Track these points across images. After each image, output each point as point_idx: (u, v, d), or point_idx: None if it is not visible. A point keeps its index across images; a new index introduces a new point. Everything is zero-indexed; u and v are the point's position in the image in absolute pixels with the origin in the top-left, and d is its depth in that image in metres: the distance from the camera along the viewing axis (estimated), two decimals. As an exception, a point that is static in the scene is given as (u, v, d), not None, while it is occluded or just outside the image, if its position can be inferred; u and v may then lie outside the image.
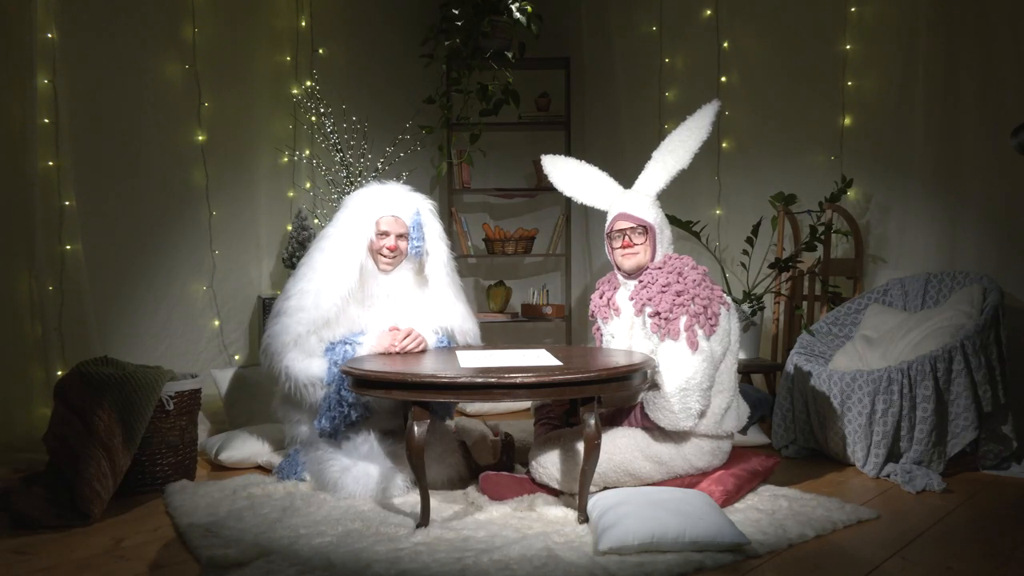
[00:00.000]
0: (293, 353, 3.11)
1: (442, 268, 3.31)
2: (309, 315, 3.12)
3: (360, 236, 3.19)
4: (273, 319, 3.19)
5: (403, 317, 3.23)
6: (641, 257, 3.01)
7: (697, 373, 2.80)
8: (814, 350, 3.80)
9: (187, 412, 3.29)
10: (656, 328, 2.87)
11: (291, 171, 4.65)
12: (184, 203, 4.19)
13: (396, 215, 3.23)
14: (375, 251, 3.21)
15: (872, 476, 3.29)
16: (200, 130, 4.22)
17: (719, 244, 4.76)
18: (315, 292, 3.13)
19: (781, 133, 4.58)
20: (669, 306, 2.85)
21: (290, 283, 3.23)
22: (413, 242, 3.25)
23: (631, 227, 3.02)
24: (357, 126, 4.61)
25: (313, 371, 3.11)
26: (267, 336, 3.18)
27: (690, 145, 3.07)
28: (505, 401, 2.60)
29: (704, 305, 2.84)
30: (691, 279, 2.89)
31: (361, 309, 3.22)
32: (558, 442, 2.91)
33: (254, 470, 3.44)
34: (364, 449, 3.06)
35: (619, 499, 2.59)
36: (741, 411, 3.00)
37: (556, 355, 2.89)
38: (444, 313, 3.29)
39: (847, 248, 4.32)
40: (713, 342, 2.85)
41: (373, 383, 2.65)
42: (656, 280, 2.93)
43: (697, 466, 2.91)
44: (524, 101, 5.31)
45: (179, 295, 4.15)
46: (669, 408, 2.80)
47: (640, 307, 2.94)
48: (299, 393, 3.13)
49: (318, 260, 3.19)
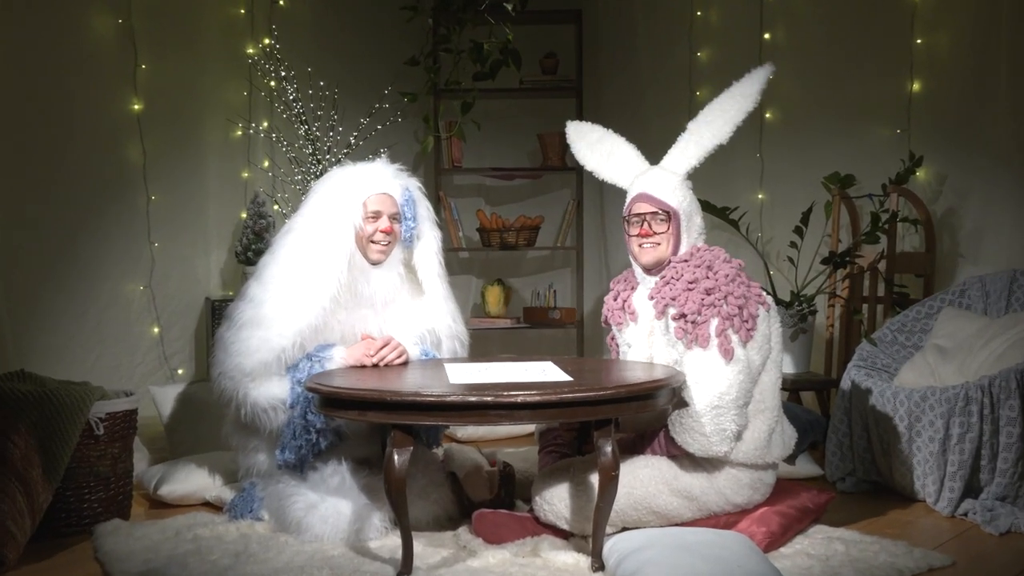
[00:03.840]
0: (263, 377, 3.07)
1: (433, 258, 3.32)
2: (294, 324, 3.09)
3: (345, 221, 3.17)
4: (235, 332, 3.13)
5: (396, 318, 3.24)
6: (662, 249, 3.02)
7: (732, 387, 2.80)
8: (876, 363, 3.80)
9: (120, 437, 3.29)
10: (681, 333, 2.87)
11: (246, 147, 4.65)
12: (116, 186, 4.19)
13: (386, 192, 3.24)
14: (364, 239, 3.21)
15: (946, 514, 3.28)
16: (136, 98, 4.22)
17: (761, 235, 4.76)
18: (297, 295, 3.11)
19: (836, 101, 4.57)
20: (697, 307, 2.85)
21: (254, 287, 3.20)
22: (407, 222, 3.25)
23: (651, 212, 3.02)
24: (325, 93, 4.61)
25: (275, 391, 3.10)
26: (229, 354, 3.11)
27: (732, 116, 3.06)
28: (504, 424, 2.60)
29: (739, 305, 2.84)
30: (723, 274, 2.89)
31: (347, 312, 3.22)
32: (567, 474, 2.91)
33: (201, 507, 3.43)
34: (334, 482, 3.06)
35: (641, 542, 2.59)
36: (787, 435, 3.00)
37: (565, 369, 2.90)
38: (432, 312, 3.31)
39: (916, 240, 4.32)
40: (750, 350, 2.85)
41: (345, 403, 2.66)
42: (681, 276, 2.93)
43: (735, 502, 2.91)
44: (527, 62, 5.30)
45: (110, 297, 4.15)
46: (699, 430, 2.80)
47: (662, 308, 2.94)
48: (257, 420, 3.13)
49: (291, 257, 3.17)
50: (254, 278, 3.25)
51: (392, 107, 4.88)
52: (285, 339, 3.08)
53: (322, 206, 3.21)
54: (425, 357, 3.25)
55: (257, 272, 3.26)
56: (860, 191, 4.39)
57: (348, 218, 3.17)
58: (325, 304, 3.12)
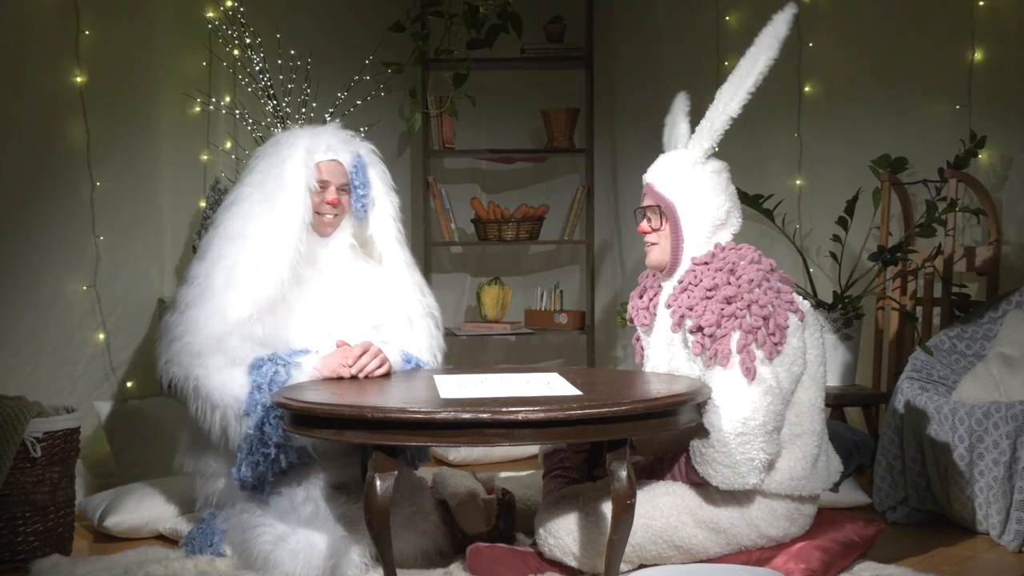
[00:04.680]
0: (217, 358, 3.11)
1: (391, 223, 3.39)
2: (249, 295, 3.13)
3: (299, 183, 3.23)
4: (180, 315, 3.17)
5: (353, 292, 3.27)
6: (660, 248, 3.02)
7: (758, 411, 2.80)
8: (932, 374, 3.80)
9: (61, 460, 3.28)
10: (699, 349, 2.87)
11: (205, 125, 4.64)
12: (56, 170, 4.18)
13: (335, 159, 3.32)
14: (312, 208, 3.27)
15: (1012, 550, 3.28)
16: (79, 69, 4.22)
17: (799, 227, 4.76)
18: (250, 266, 3.15)
19: (885, 73, 4.57)
20: (716, 318, 2.84)
21: (197, 267, 3.24)
22: (357, 191, 3.33)
23: (649, 205, 3.04)
24: (296, 63, 4.61)
25: (235, 389, 3.10)
26: (175, 337, 3.14)
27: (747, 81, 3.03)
28: (502, 445, 2.60)
29: (763, 316, 2.83)
30: (746, 279, 2.87)
31: (300, 288, 3.25)
32: (575, 502, 2.91)
33: (154, 541, 3.43)
34: (306, 511, 3.06)
35: (660, 581, 2.59)
36: (832, 467, 3.00)
37: (572, 381, 2.90)
38: (395, 283, 3.36)
39: (978, 233, 4.32)
40: (778, 367, 2.84)
41: (319, 420, 2.66)
42: (700, 281, 2.92)
43: (769, 535, 2.91)
44: (529, 28, 5.31)
45: (49, 299, 4.15)
46: (722, 461, 2.79)
47: (678, 319, 2.94)
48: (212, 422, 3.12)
49: (239, 228, 3.21)
50: (197, 258, 3.29)
51: (374, 79, 4.87)
52: (239, 309, 3.12)
53: (270, 170, 3.27)
54: (408, 364, 3.26)
55: (200, 252, 3.30)
56: (913, 176, 4.39)
57: (302, 180, 3.24)
58: (284, 275, 3.17)
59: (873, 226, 4.46)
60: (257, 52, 4.48)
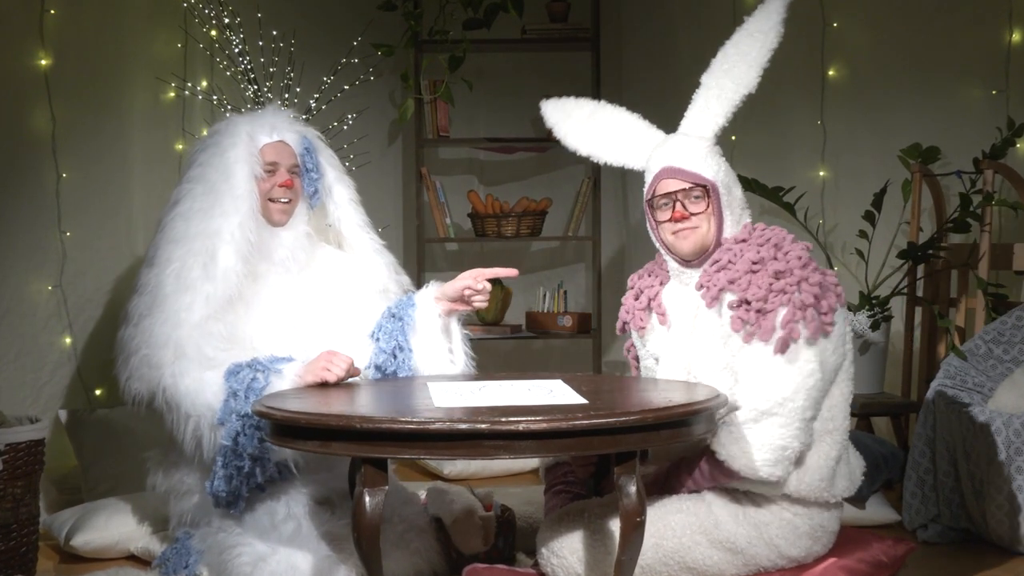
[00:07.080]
0: (181, 363, 3.12)
1: (351, 208, 3.45)
2: (200, 294, 3.15)
3: (244, 168, 3.27)
4: (134, 328, 3.19)
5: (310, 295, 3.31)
6: (703, 232, 3.01)
7: (799, 393, 2.79)
8: (967, 381, 3.80)
9: (24, 475, 3.28)
10: (739, 324, 2.86)
11: (180, 112, 4.65)
12: (18, 161, 4.18)
13: (282, 139, 3.36)
14: (262, 196, 3.30)
15: (1054, 571, 3.30)
16: (43, 52, 4.22)
17: (823, 222, 4.76)
18: (200, 264, 3.17)
19: (916, 55, 4.58)
20: (764, 292, 2.84)
21: (146, 274, 3.26)
22: (309, 174, 3.39)
23: (683, 188, 3.02)
24: (279, 45, 4.61)
25: (207, 396, 3.10)
26: (132, 352, 3.17)
27: (756, 58, 3.05)
28: (501, 458, 2.59)
29: (815, 295, 2.84)
30: (794, 255, 2.89)
31: (258, 283, 3.28)
32: (581, 519, 2.91)
33: (125, 561, 3.44)
34: (287, 529, 3.06)
35: (672, 605, 2.59)
36: (853, 466, 3.00)
37: (577, 389, 2.89)
38: (365, 270, 3.40)
39: (1016, 228, 4.32)
40: (824, 351, 2.84)
41: (303, 431, 2.65)
42: (742, 255, 2.93)
43: (790, 555, 2.91)
44: (530, 7, 5.32)
45: (11, 300, 4.15)
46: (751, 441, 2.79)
47: (716, 294, 2.94)
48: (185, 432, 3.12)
49: (185, 226, 3.24)
50: (145, 265, 3.31)
51: (363, 63, 4.88)
52: (193, 312, 3.14)
53: (211, 160, 3.31)
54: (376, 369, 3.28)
55: (148, 258, 3.32)
56: (946, 167, 4.40)
57: (247, 166, 3.27)
58: (237, 268, 3.19)
59: (903, 221, 4.47)
60: (236, 33, 4.48)
